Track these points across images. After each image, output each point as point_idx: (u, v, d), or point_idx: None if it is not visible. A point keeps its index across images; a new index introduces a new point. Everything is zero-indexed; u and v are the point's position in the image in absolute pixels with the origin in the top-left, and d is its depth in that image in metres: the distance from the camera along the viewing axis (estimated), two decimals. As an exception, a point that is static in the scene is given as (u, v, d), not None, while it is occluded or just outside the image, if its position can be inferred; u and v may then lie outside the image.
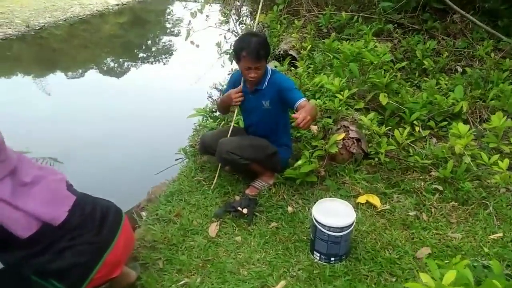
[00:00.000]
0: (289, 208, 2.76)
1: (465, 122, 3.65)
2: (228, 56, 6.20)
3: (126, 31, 12.87)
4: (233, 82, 2.97)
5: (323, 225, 2.22)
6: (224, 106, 2.98)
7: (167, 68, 9.11)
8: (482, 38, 5.02)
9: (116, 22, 13.49)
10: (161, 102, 6.10)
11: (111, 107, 6.04)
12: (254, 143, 2.84)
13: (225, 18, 7.14)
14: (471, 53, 4.85)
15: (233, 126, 3.00)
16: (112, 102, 6.27)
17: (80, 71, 8.75)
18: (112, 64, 9.52)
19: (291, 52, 4.88)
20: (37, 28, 10.94)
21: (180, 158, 4.00)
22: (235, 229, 2.62)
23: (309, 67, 4.32)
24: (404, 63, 3.84)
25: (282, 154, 2.98)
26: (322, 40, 5.02)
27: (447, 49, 4.92)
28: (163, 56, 10.53)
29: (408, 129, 3.26)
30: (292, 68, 4.20)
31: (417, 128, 3.49)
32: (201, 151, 3.16)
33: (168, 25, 14.45)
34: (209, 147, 2.97)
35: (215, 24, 6.74)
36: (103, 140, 5.00)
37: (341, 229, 2.22)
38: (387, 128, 3.23)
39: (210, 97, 5.77)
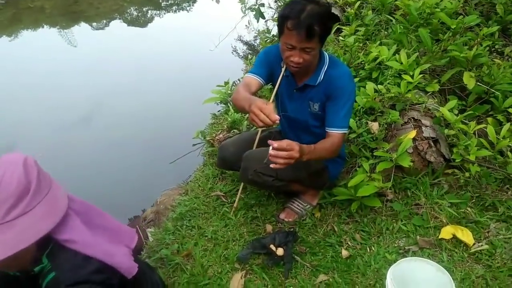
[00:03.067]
0: (343, 252, 1.95)
1: None
2: (253, 13, 5.21)
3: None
4: (267, 64, 2.00)
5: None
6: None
7: (182, 29, 8.06)
8: None
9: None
10: (174, 74, 5.21)
11: (114, 83, 5.23)
12: None
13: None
14: None
15: (263, 130, 2.14)
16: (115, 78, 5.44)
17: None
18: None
19: (333, 10, 3.86)
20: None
21: (198, 144, 3.24)
22: (267, 286, 1.84)
23: (358, 31, 3.33)
24: (495, 28, 2.82)
25: (332, 168, 2.14)
26: (372, -8, 3.96)
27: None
28: (178, 10, 9.45)
29: (507, 125, 2.33)
30: (341, 38, 3.20)
31: (514, 119, 2.55)
32: (222, 167, 2.33)
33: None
34: (231, 163, 2.16)
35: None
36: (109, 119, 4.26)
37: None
38: (475, 125, 2.30)
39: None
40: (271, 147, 1.60)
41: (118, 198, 3.19)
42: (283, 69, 1.95)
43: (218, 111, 3.53)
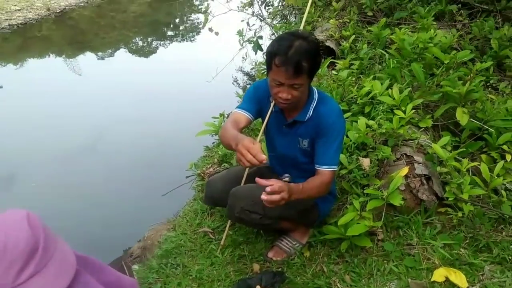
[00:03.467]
0: (332, 294, 1.88)
1: None
2: (251, 45, 5.27)
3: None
4: (256, 99, 1.98)
5: None
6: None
7: (181, 60, 8.13)
8: None
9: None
10: (172, 105, 5.23)
11: (109, 114, 5.24)
12: None
13: (249, 0, 6.13)
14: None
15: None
16: (111, 109, 5.46)
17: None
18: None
19: (328, 43, 3.89)
20: (57, 11, 10.27)
21: (191, 176, 3.20)
22: (252, 330, 1.77)
23: (352, 64, 3.34)
24: (489, 63, 2.81)
25: (322, 206, 2.09)
26: (367, 27, 4.00)
27: (528, 35, 3.81)
28: (177, 43, 9.58)
29: (501, 162, 2.28)
30: (334, 72, 3.21)
31: (508, 156, 2.50)
32: (209, 204, 2.28)
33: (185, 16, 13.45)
34: (218, 200, 2.11)
35: (237, 7, 5.76)
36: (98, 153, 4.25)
37: None
38: (469, 163, 2.26)
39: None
40: (263, 193, 1.56)
41: (106, 231, 3.14)
42: (272, 105, 1.93)
43: (213, 143, 3.51)
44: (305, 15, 2.30)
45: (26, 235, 0.94)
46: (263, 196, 1.55)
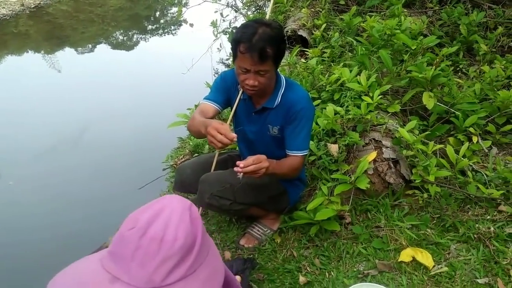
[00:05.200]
0: (301, 278, 1.90)
1: (535, 123, 2.71)
2: (227, 36, 5.26)
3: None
4: (224, 89, 2.00)
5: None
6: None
7: (160, 53, 8.05)
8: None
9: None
10: (149, 99, 5.19)
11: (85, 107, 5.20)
12: (252, 180, 1.92)
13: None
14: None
15: (221, 152, 2.10)
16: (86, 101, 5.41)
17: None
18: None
19: (301, 32, 3.90)
20: (32, 6, 10.04)
21: (167, 168, 3.20)
22: (221, 315, 1.78)
23: (324, 53, 3.36)
24: (455, 47, 2.85)
25: (292, 192, 2.11)
26: (339, 16, 4.02)
27: (497, 20, 3.89)
28: (154, 36, 9.49)
29: (466, 144, 2.34)
30: (302, 61, 3.22)
31: (474, 138, 2.57)
32: (179, 190, 2.28)
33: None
34: (189, 186, 2.11)
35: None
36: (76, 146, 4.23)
37: None
38: (435, 144, 2.31)
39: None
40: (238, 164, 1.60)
41: (85, 225, 3.13)
42: (239, 92, 1.94)
43: (187, 135, 3.50)
44: (271, 3, 2.30)
45: (186, 231, 0.80)
46: (237, 169, 1.59)
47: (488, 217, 2.13)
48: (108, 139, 4.35)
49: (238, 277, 1.89)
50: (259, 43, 1.63)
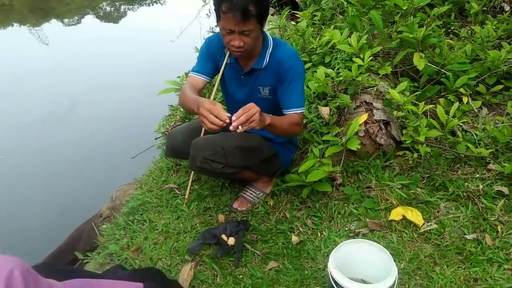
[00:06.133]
0: (294, 238, 1.94)
1: (525, 83, 2.72)
2: None
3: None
4: (210, 56, 1.97)
5: (347, 291, 1.41)
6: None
7: (149, 21, 7.89)
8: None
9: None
10: (140, 68, 5.12)
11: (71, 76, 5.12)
12: (243, 143, 1.93)
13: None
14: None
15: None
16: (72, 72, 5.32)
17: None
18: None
19: (291, -4, 3.83)
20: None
21: (160, 137, 3.19)
22: (216, 275, 1.82)
23: (315, 16, 3.30)
24: (446, 7, 2.82)
25: (283, 154, 2.12)
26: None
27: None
28: (142, 6, 9.27)
29: (456, 104, 2.34)
30: (293, 23, 3.17)
31: (464, 99, 2.58)
32: (170, 156, 2.27)
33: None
34: (180, 152, 2.10)
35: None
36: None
37: (375, 297, 1.40)
38: (426, 105, 2.31)
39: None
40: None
41: (78, 195, 3.16)
42: (226, 56, 1.91)
43: (177, 103, 3.47)
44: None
45: None
46: (231, 127, 1.56)
47: (477, 176, 2.17)
48: (99, 110, 4.34)
49: (231, 239, 1.93)
50: (241, 1, 1.59)
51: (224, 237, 1.94)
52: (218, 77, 1.95)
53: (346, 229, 1.99)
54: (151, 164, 2.69)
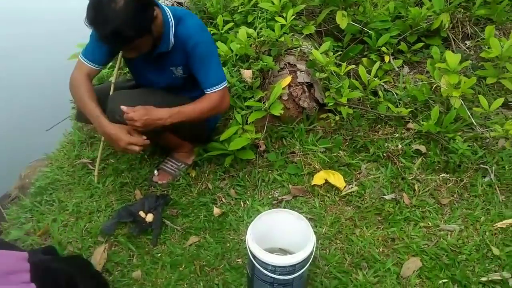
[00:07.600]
0: (216, 209, 1.86)
1: (445, 40, 2.76)
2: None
3: None
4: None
5: (266, 265, 1.36)
6: (84, 116, 1.72)
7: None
8: None
9: None
10: (40, 33, 4.64)
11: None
12: (165, 99, 1.77)
13: None
14: None
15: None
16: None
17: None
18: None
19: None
20: None
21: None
22: (132, 256, 1.71)
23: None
24: (368, -37, 2.75)
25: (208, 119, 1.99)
26: None
27: None
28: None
29: (377, 63, 2.33)
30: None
31: (386, 58, 2.57)
32: (80, 120, 2.06)
33: None
34: None
35: None
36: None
37: (293, 268, 1.37)
38: (349, 65, 2.27)
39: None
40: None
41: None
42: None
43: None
44: None
45: None
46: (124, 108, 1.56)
47: (397, 135, 2.19)
48: (8, 76, 3.91)
49: (150, 215, 1.82)
50: (113, 35, 1.44)
51: (141, 213, 1.82)
52: (115, 69, 1.82)
53: (270, 197, 1.95)
54: (62, 137, 2.46)
